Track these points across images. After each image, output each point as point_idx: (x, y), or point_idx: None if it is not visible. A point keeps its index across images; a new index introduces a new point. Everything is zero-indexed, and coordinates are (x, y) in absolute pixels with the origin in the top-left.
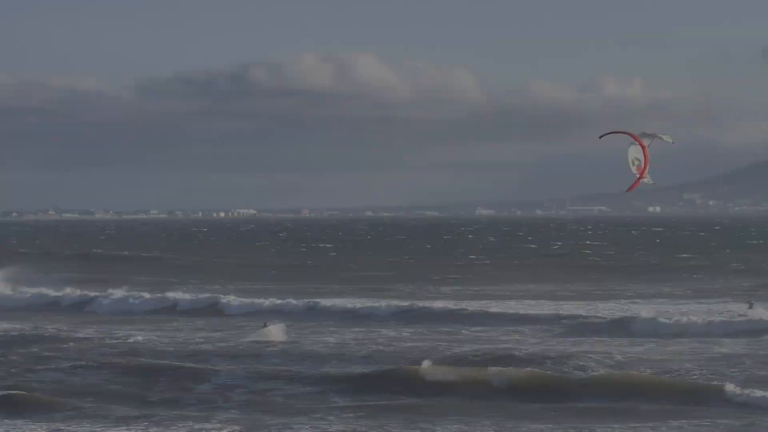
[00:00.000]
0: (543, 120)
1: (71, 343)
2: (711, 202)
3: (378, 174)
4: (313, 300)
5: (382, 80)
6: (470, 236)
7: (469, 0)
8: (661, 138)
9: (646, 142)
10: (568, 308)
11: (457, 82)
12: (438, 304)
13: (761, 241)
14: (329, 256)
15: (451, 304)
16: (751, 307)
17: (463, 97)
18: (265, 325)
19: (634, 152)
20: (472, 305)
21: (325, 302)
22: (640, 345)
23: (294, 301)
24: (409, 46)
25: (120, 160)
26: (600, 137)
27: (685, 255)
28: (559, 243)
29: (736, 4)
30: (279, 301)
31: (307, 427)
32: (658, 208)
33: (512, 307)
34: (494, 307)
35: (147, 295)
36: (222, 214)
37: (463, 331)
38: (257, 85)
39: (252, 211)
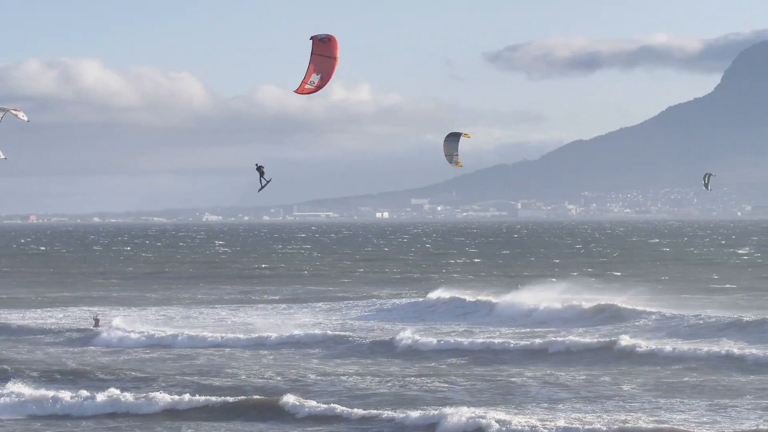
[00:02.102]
0: (270, 125)
1: None
2: (439, 208)
3: (106, 180)
4: None
5: (108, 86)
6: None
7: (195, 7)
8: (15, 114)
9: None
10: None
11: (183, 89)
12: None
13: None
14: None
15: None
16: (96, 324)
17: (190, 103)
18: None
19: None
20: None
21: None
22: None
23: None
24: (134, 53)
25: None
26: None
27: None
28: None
29: (458, 11)
30: None
31: None
32: (386, 214)
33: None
34: None
35: None
36: None
37: None
38: None
39: None
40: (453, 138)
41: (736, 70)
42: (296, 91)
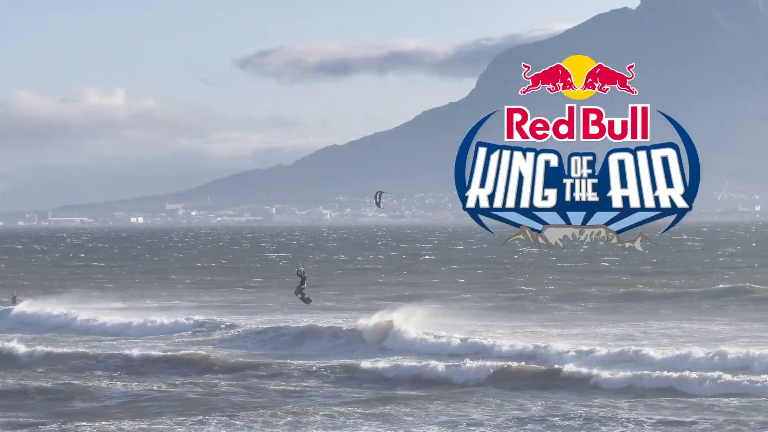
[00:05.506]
0: (25, 130)
1: None
2: (194, 213)
3: None
4: None
5: None
6: None
7: None
8: None
9: None
10: None
11: None
12: None
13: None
14: None
15: None
16: (14, 302)
17: None
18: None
19: None
20: None
21: None
22: None
23: None
24: None
25: None
26: None
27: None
28: None
29: (207, 15)
30: None
31: None
32: (140, 219)
33: None
34: None
35: None
36: None
37: None
38: None
39: None
40: None
41: (491, 74)
42: None
